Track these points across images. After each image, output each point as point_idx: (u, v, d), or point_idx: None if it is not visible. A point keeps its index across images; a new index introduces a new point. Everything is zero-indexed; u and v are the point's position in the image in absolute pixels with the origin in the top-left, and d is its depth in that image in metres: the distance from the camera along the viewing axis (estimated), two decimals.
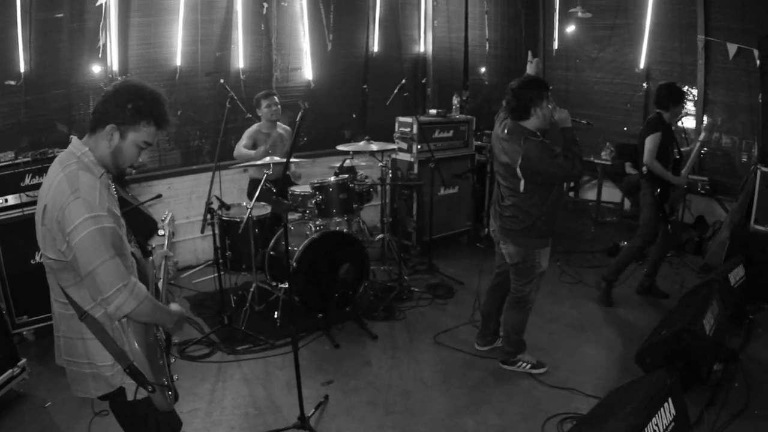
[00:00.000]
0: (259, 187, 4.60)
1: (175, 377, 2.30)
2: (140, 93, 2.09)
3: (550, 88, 3.68)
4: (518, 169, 3.51)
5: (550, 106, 3.60)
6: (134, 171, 5.32)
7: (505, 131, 3.64)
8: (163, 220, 2.65)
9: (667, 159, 4.75)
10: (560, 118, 3.63)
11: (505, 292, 4.06)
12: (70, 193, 1.96)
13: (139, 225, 4.87)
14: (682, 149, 4.97)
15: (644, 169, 4.78)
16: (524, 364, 4.02)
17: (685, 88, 6.72)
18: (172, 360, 2.37)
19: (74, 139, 2.13)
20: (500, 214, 3.82)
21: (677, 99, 4.72)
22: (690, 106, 6.70)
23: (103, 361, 2.10)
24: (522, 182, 3.56)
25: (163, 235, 2.59)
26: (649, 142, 4.66)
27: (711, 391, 3.57)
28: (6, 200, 4.22)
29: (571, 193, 8.37)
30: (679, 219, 6.38)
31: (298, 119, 3.11)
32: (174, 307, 2.29)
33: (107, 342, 2.07)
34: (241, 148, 5.29)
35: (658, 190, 4.78)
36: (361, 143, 5.30)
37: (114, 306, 1.97)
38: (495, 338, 4.31)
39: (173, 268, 2.53)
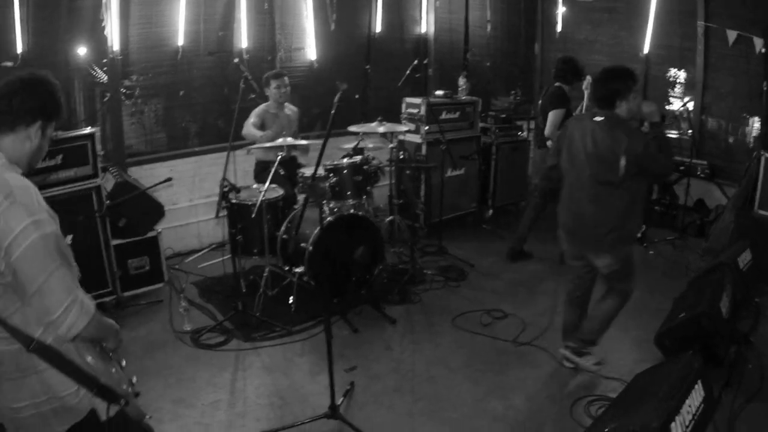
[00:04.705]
0: (272, 170, 4.51)
1: (134, 380, 2.15)
2: (52, 84, 1.94)
3: (637, 80, 3.40)
4: (622, 158, 3.22)
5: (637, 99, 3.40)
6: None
7: (600, 118, 3.40)
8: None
9: None
10: (649, 111, 3.44)
11: (587, 298, 3.93)
12: (3, 198, 1.72)
13: (146, 210, 4.75)
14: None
15: (549, 143, 5.14)
16: (592, 359, 3.79)
17: (683, 72, 6.82)
18: (123, 363, 2.17)
19: None
20: (581, 228, 3.58)
21: (579, 75, 5.21)
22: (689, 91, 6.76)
23: (66, 390, 1.87)
24: (621, 172, 3.27)
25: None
26: (554, 116, 5.10)
27: (727, 372, 3.62)
28: None
29: None
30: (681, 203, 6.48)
31: (336, 100, 3.03)
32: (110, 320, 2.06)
33: (68, 368, 1.85)
34: (250, 126, 5.16)
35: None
36: (373, 124, 5.20)
37: (66, 326, 1.75)
38: None
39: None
